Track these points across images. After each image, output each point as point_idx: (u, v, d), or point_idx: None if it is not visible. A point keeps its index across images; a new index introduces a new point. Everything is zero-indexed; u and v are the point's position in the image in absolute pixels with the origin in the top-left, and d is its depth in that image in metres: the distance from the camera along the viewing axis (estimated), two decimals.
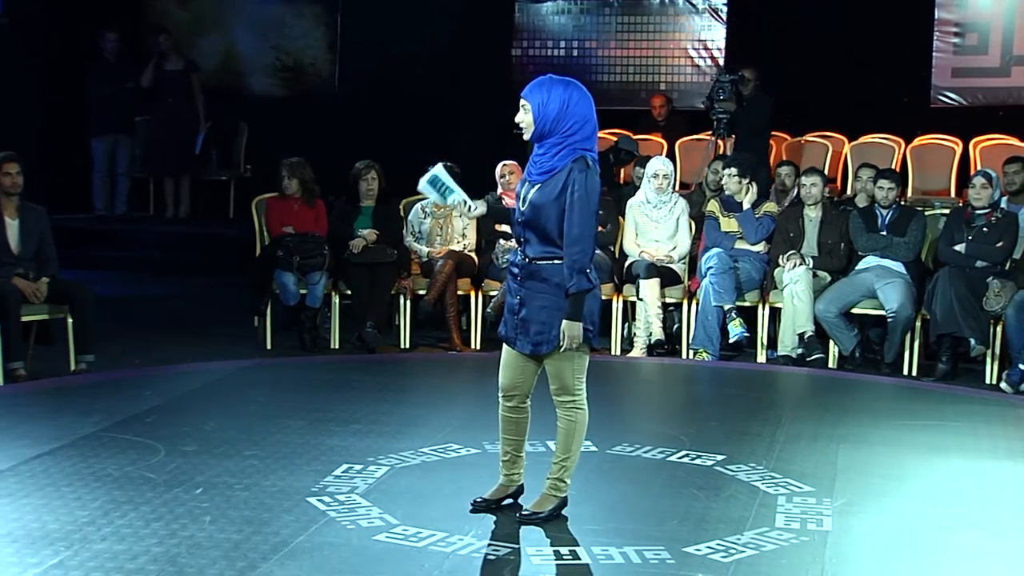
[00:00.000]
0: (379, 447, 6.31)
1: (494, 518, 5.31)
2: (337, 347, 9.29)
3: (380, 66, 13.43)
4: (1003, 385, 8.30)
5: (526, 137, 5.17)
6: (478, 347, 9.35)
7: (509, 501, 5.48)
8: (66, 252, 8.29)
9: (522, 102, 5.12)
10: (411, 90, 13.28)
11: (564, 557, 4.91)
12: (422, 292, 9.30)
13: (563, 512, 5.33)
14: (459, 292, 9.31)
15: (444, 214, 9.53)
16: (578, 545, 5.02)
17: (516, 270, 5.26)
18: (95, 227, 12.99)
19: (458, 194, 5.33)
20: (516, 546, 4.99)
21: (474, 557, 4.88)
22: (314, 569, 4.74)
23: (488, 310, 9.24)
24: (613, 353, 9.17)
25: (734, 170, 9.38)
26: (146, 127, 13.26)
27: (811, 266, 9.01)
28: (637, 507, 5.52)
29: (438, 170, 5.34)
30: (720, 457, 6.28)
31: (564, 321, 5.09)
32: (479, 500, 5.44)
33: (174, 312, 10.81)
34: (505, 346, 5.39)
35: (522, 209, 5.17)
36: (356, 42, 13.95)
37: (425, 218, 9.59)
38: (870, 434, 6.85)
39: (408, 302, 9.31)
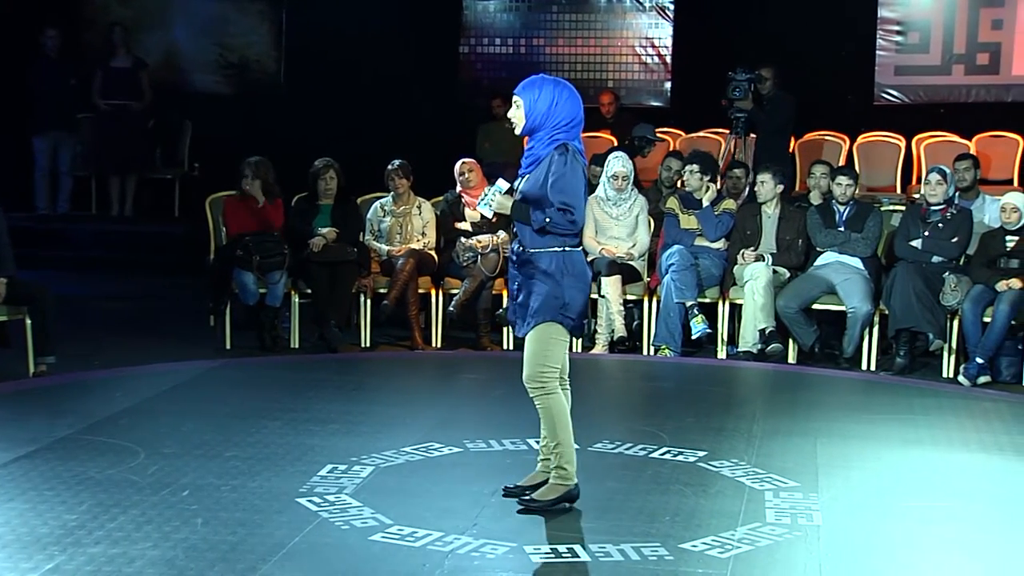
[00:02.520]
0: (361, 447, 6.27)
1: (488, 516, 5.31)
2: (297, 347, 9.22)
3: (326, 63, 13.33)
4: (961, 379, 8.43)
5: (517, 131, 5.36)
6: (439, 345, 9.33)
7: None
8: None
9: (514, 99, 5.32)
10: (358, 88, 13.21)
11: (563, 555, 4.91)
12: (382, 291, 9.26)
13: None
14: (420, 291, 9.27)
15: (404, 212, 9.50)
16: (575, 543, 5.02)
17: (514, 258, 5.44)
18: (37, 227, 12.75)
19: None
20: (514, 544, 4.98)
21: (474, 556, 4.86)
22: (314, 571, 4.71)
23: (450, 308, 9.22)
24: (575, 350, 9.17)
25: (695, 167, 9.45)
26: (90, 125, 13.04)
27: (770, 263, 9.10)
28: (627, 504, 5.53)
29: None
30: (702, 453, 6.32)
31: (510, 201, 5.32)
32: (510, 487, 5.51)
33: (124, 312, 10.65)
34: None
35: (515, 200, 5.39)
36: (302, 39, 13.86)
37: (384, 216, 9.55)
38: (844, 428, 6.93)
39: (369, 301, 9.27)
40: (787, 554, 4.99)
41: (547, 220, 5.24)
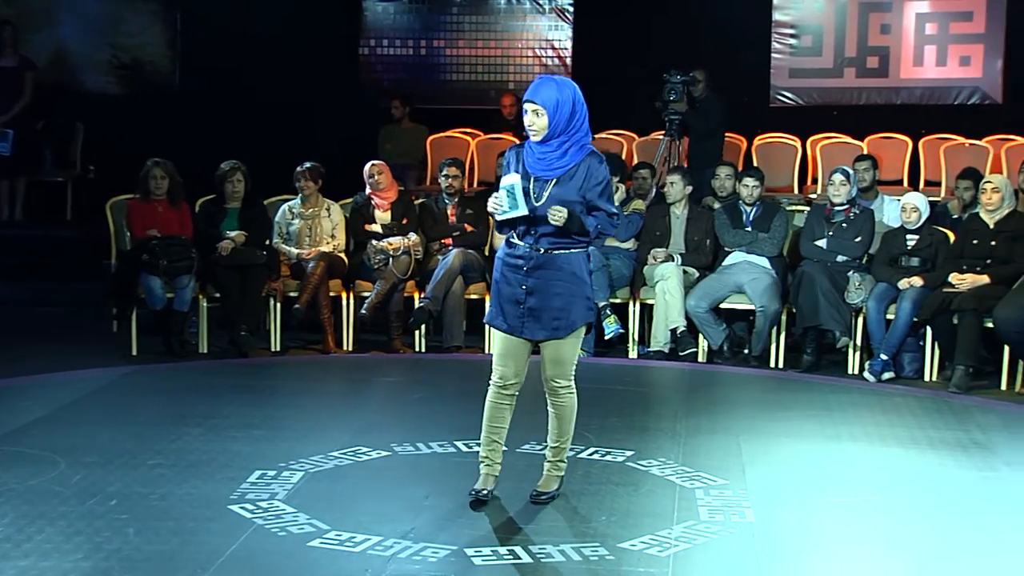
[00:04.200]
0: (287, 452, 6.19)
1: (426, 520, 5.28)
2: (206, 351, 9.06)
3: (223, 65, 13.10)
4: (866, 375, 8.58)
5: (537, 139, 5.29)
6: (351, 348, 9.25)
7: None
8: None
9: (533, 106, 5.24)
10: (257, 89, 13.01)
11: (504, 557, 4.90)
12: (293, 294, 9.15)
13: (487, 513, 5.41)
14: (331, 293, 9.18)
15: (313, 215, 9.41)
16: (515, 545, 5.02)
17: (521, 262, 5.37)
18: None
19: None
20: (455, 547, 4.96)
21: (415, 560, 4.84)
22: None
23: (362, 311, 9.13)
24: (488, 352, 9.16)
25: None
26: None
27: (679, 263, 9.18)
28: (562, 505, 5.54)
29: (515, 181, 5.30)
30: (629, 452, 6.36)
31: (567, 211, 5.23)
32: (482, 495, 5.49)
33: (18, 319, 10.30)
34: (505, 338, 5.51)
35: (537, 204, 5.28)
36: (197, 39, 13.60)
37: (293, 219, 9.43)
38: (764, 425, 7.03)
39: (279, 304, 9.15)
40: (724, 551, 5.05)
41: (597, 225, 5.32)
